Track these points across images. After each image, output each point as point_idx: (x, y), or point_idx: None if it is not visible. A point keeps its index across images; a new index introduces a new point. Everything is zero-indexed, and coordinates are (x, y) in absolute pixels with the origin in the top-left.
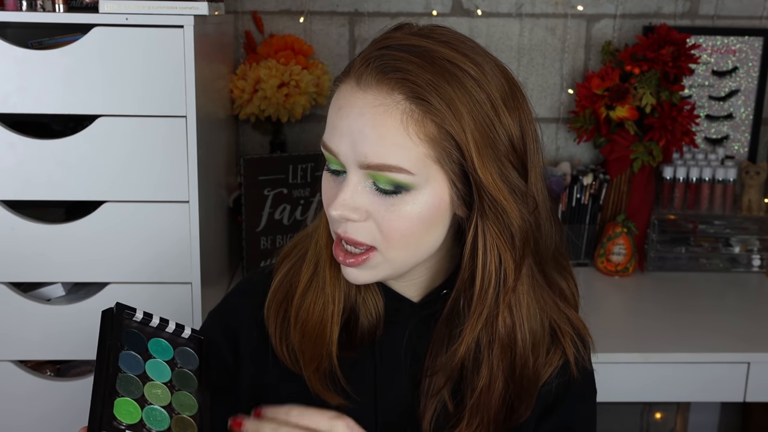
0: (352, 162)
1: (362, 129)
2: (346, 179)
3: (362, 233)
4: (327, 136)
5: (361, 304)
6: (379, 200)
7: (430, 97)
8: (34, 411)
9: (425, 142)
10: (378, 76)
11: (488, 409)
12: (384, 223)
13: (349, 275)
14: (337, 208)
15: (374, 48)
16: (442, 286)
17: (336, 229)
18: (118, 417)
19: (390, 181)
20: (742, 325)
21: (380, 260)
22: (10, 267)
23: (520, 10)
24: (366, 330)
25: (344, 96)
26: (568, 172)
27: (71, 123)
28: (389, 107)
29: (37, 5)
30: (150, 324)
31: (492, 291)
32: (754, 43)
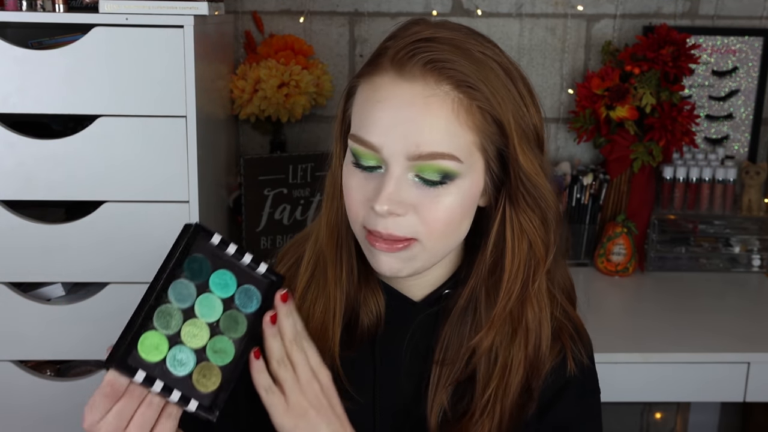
0: (399, 154)
1: (413, 119)
2: (388, 173)
3: (404, 227)
4: (365, 131)
5: (362, 303)
6: (423, 192)
7: (477, 85)
8: (34, 411)
9: (472, 130)
10: (424, 67)
11: (503, 403)
12: (429, 215)
13: (383, 265)
14: (385, 203)
15: (406, 42)
16: (443, 286)
17: (374, 226)
18: (140, 353)
19: (439, 170)
20: (742, 325)
21: (419, 250)
22: (10, 267)
23: (520, 10)
24: (366, 329)
25: (385, 88)
26: (568, 172)
27: (71, 123)
28: (440, 97)
29: (37, 5)
30: (224, 252)
31: (522, 277)
32: (754, 43)
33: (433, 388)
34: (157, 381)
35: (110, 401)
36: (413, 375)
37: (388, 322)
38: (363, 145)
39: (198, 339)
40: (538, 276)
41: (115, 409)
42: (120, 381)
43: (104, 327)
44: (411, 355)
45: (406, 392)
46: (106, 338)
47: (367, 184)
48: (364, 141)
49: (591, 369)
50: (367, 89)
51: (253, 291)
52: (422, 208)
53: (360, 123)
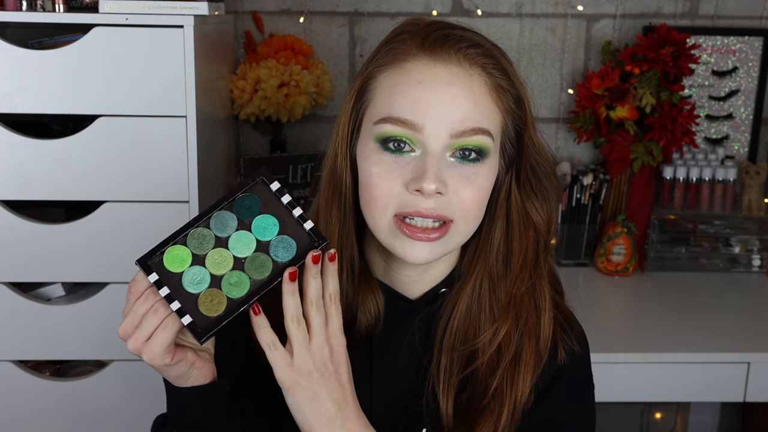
0: (442, 132)
1: (455, 97)
2: (428, 153)
3: (445, 206)
4: (404, 112)
5: (360, 304)
6: (459, 171)
7: (504, 68)
8: (34, 411)
9: (501, 111)
10: (458, 51)
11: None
12: (466, 194)
13: (417, 254)
14: (433, 180)
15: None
16: (441, 284)
17: (415, 207)
18: (164, 260)
19: (479, 144)
20: (742, 325)
21: (454, 232)
22: (10, 267)
23: (520, 10)
24: (363, 329)
25: (421, 71)
26: (568, 172)
27: (71, 123)
28: (476, 78)
29: (37, 5)
30: (279, 200)
31: (530, 260)
32: (754, 43)
33: (445, 379)
34: (165, 287)
35: (132, 298)
36: (410, 373)
37: (385, 322)
38: (402, 125)
39: (220, 267)
40: (547, 254)
41: (131, 307)
42: (140, 281)
43: (104, 327)
44: (408, 354)
45: (402, 390)
46: (106, 338)
47: (399, 168)
48: (403, 120)
49: (583, 358)
50: (397, 75)
51: (290, 243)
52: (459, 186)
53: (393, 105)
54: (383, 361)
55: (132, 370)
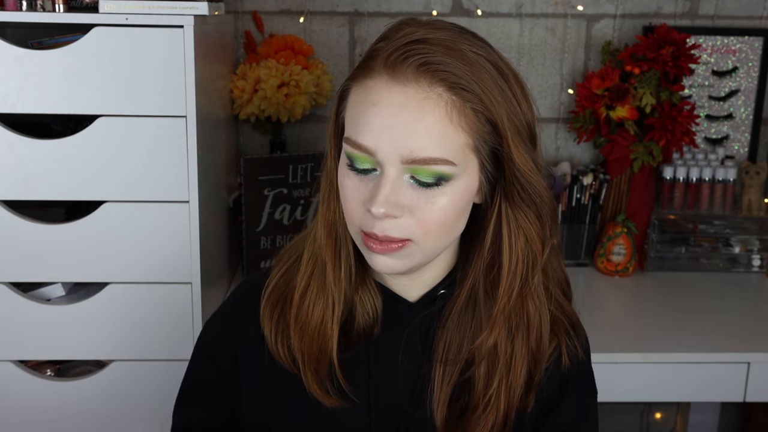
0: (393, 158)
1: (406, 123)
2: (383, 175)
3: (399, 229)
4: (359, 134)
5: (358, 303)
6: (418, 194)
7: (469, 86)
8: (34, 411)
9: (466, 131)
10: (417, 70)
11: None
12: (424, 216)
13: (379, 264)
14: (381, 205)
15: (399, 44)
16: (439, 286)
17: (371, 228)
18: None
19: (433, 173)
20: (742, 325)
21: (414, 250)
22: (10, 267)
23: (520, 10)
24: (362, 329)
25: (378, 91)
26: (568, 172)
27: (71, 123)
28: (433, 100)
29: (37, 5)
30: None
31: (520, 273)
32: (754, 43)
33: (438, 387)
34: None
35: None
36: (410, 376)
37: (384, 323)
38: (357, 148)
39: None
40: (537, 270)
41: None
42: None
43: (104, 327)
44: (408, 357)
45: (402, 393)
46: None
47: (362, 187)
48: (358, 144)
49: (587, 365)
50: (360, 92)
51: None
52: (417, 209)
53: (354, 126)
54: (382, 363)
55: (132, 370)
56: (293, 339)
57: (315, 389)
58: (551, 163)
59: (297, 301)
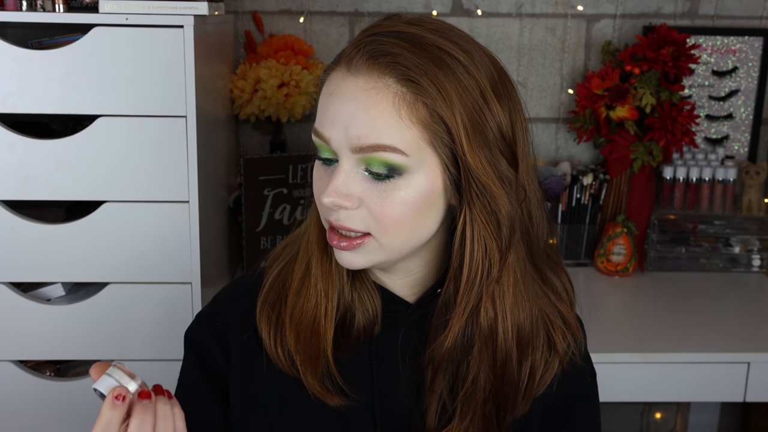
0: (345, 147)
1: (354, 112)
2: (338, 166)
3: (355, 221)
4: (318, 123)
5: (357, 301)
6: (372, 186)
7: (421, 80)
8: (34, 411)
9: (417, 125)
10: (369, 60)
11: (476, 403)
12: (377, 209)
13: (343, 259)
14: (330, 195)
15: (364, 35)
16: (436, 285)
17: (328, 217)
18: None
19: (384, 162)
20: (742, 325)
21: (375, 246)
22: (10, 267)
23: (520, 10)
24: (362, 328)
25: (335, 82)
26: (568, 172)
27: (71, 123)
28: (381, 90)
29: (37, 5)
30: None
31: (478, 281)
32: (754, 43)
33: (427, 390)
34: None
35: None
36: (412, 379)
37: (384, 323)
38: (318, 136)
39: None
40: (492, 280)
41: None
42: None
43: (104, 327)
44: (409, 357)
45: (406, 394)
46: (106, 338)
47: (325, 177)
48: (318, 132)
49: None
50: (326, 84)
51: None
52: (370, 202)
53: (318, 115)
54: (384, 364)
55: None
56: (289, 339)
57: (316, 388)
58: (551, 163)
59: (291, 301)
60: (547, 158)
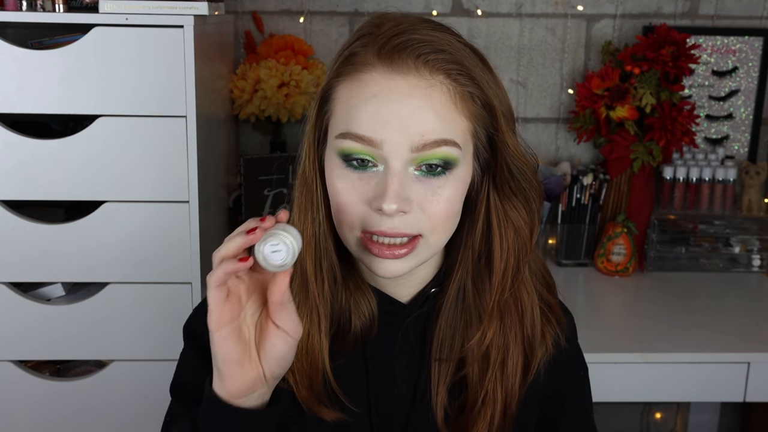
0: (402, 147)
1: (414, 110)
2: (389, 170)
3: (410, 224)
4: (360, 127)
5: (353, 307)
6: (425, 186)
7: (466, 72)
8: (33, 411)
9: (467, 117)
10: (416, 59)
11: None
12: (431, 208)
13: (387, 268)
14: (395, 200)
15: (388, 36)
16: (430, 285)
17: (378, 227)
18: None
19: (443, 157)
20: (742, 325)
21: (423, 247)
22: (10, 267)
23: (520, 10)
24: (359, 333)
25: (377, 83)
26: (568, 172)
27: (71, 123)
28: (435, 86)
29: (37, 5)
30: None
31: (512, 263)
32: (754, 43)
33: (435, 385)
34: None
35: None
36: (409, 379)
37: (379, 327)
38: (360, 141)
39: None
40: (527, 259)
41: None
42: None
43: (104, 327)
44: (405, 358)
45: (402, 397)
46: (106, 338)
47: (362, 185)
48: (360, 137)
49: (578, 352)
50: (354, 87)
51: None
52: (425, 202)
53: (351, 120)
54: (379, 368)
55: (132, 370)
56: None
57: (313, 406)
58: (551, 163)
59: None
60: (547, 158)
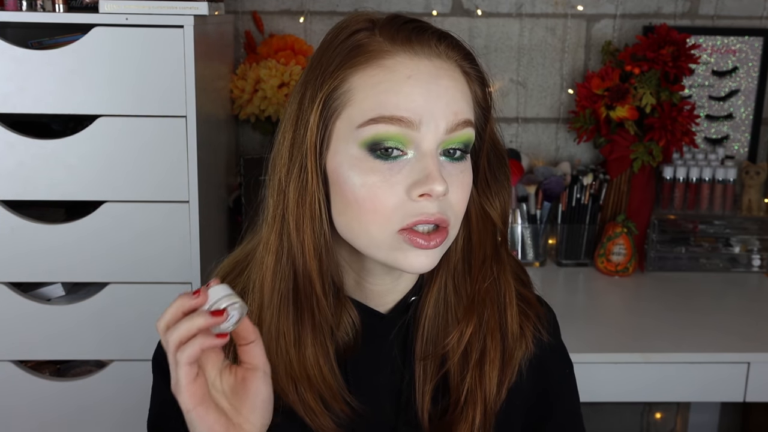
0: (440, 126)
1: (446, 90)
2: (424, 154)
3: (445, 209)
4: (399, 108)
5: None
6: (450, 171)
7: (478, 62)
8: (33, 411)
9: (476, 103)
10: (438, 44)
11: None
12: (457, 195)
13: (422, 262)
14: (442, 182)
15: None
16: (410, 293)
17: (421, 212)
18: None
19: (467, 140)
20: (742, 325)
21: (450, 236)
22: (10, 267)
23: (520, 10)
24: (341, 350)
25: (406, 65)
26: (568, 172)
27: (71, 123)
28: (455, 70)
29: (37, 5)
30: None
31: (490, 255)
32: (754, 43)
33: (420, 388)
34: None
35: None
36: (393, 389)
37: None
38: (397, 123)
39: None
40: (506, 246)
41: None
42: None
43: (104, 327)
44: (388, 370)
45: (386, 409)
46: (106, 338)
47: (395, 175)
48: (399, 118)
49: (561, 347)
50: (379, 73)
51: None
52: (452, 188)
53: (383, 105)
54: (363, 381)
55: (132, 370)
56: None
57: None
58: (551, 163)
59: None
60: (547, 158)
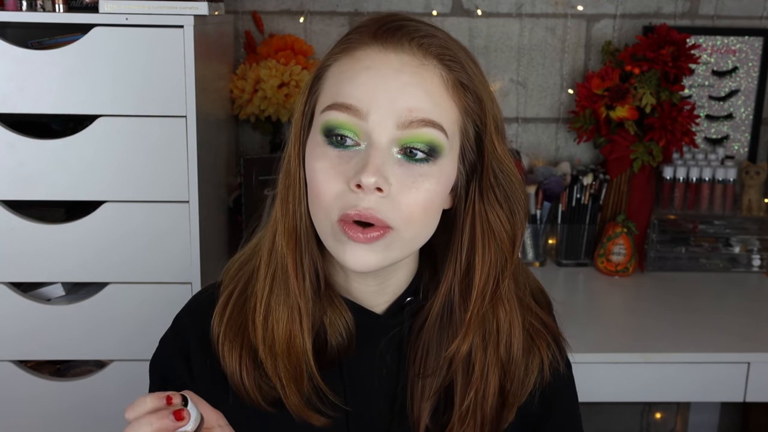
0: (389, 120)
1: (405, 86)
2: (372, 146)
3: (384, 210)
4: (347, 97)
5: (328, 325)
6: (406, 171)
7: (459, 61)
8: (33, 411)
9: (457, 106)
10: (411, 41)
11: (483, 409)
12: (410, 198)
13: (357, 258)
14: (374, 173)
15: (385, 20)
16: (404, 294)
17: (355, 204)
18: None
19: (428, 141)
20: (742, 325)
21: (395, 239)
22: (10, 267)
23: (520, 10)
24: (335, 351)
25: (370, 57)
26: (568, 172)
27: (71, 123)
28: (428, 68)
29: (37, 5)
30: None
31: (493, 276)
32: (754, 43)
33: (418, 401)
34: None
35: None
36: (386, 392)
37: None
38: (346, 111)
39: None
40: (507, 273)
41: None
42: None
43: (104, 327)
44: (383, 373)
45: (381, 412)
46: (106, 338)
47: (341, 164)
48: (347, 106)
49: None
50: (347, 62)
51: None
52: (404, 188)
53: (339, 92)
54: (356, 383)
55: (132, 370)
56: (266, 365)
57: (302, 412)
58: (551, 163)
59: (261, 323)
60: (547, 158)
